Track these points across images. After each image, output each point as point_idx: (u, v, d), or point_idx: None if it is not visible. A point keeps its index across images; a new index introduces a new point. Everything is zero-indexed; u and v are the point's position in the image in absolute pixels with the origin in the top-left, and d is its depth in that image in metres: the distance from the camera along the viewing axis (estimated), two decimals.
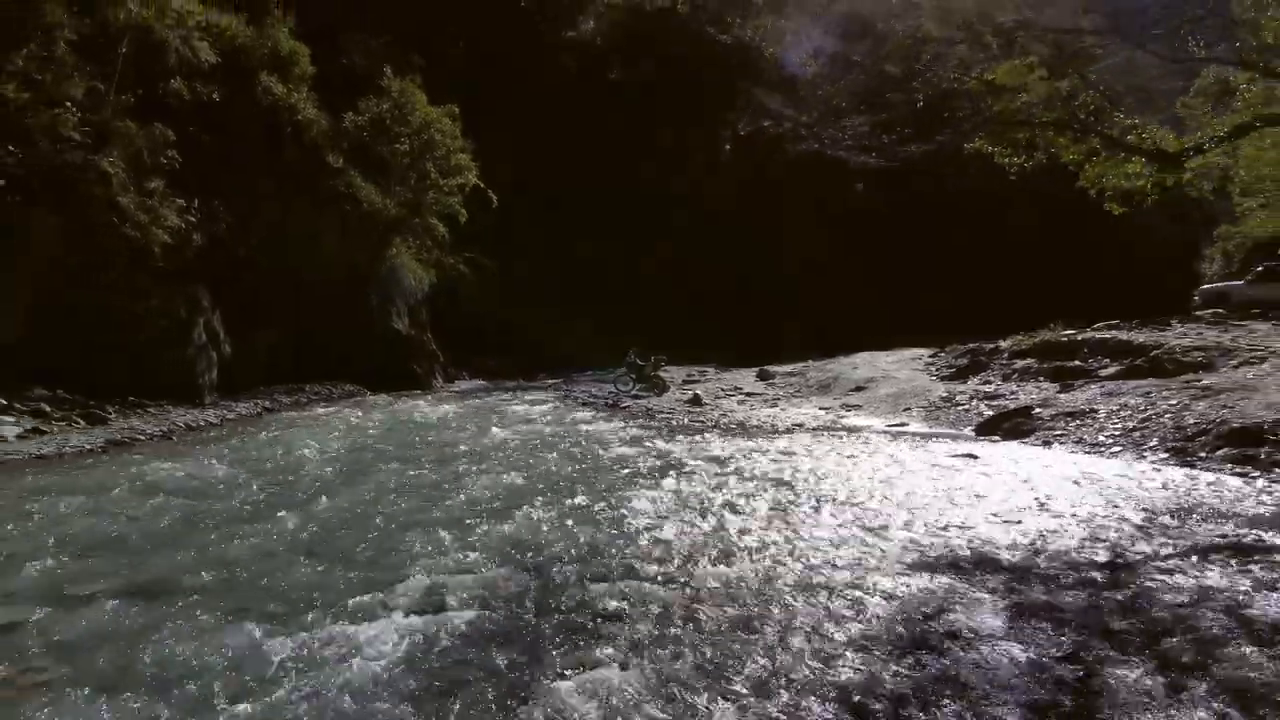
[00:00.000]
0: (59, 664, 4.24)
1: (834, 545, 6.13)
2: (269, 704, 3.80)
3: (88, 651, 4.37)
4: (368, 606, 4.87)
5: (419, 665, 4.13)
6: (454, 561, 5.75)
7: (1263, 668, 4.06)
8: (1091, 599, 5.05)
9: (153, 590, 5.28)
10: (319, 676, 4.02)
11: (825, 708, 3.73)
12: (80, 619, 4.79)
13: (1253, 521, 6.80)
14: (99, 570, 5.67)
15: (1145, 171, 10.35)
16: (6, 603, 5.09)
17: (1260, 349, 14.17)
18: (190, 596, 5.16)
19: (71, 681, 4.04)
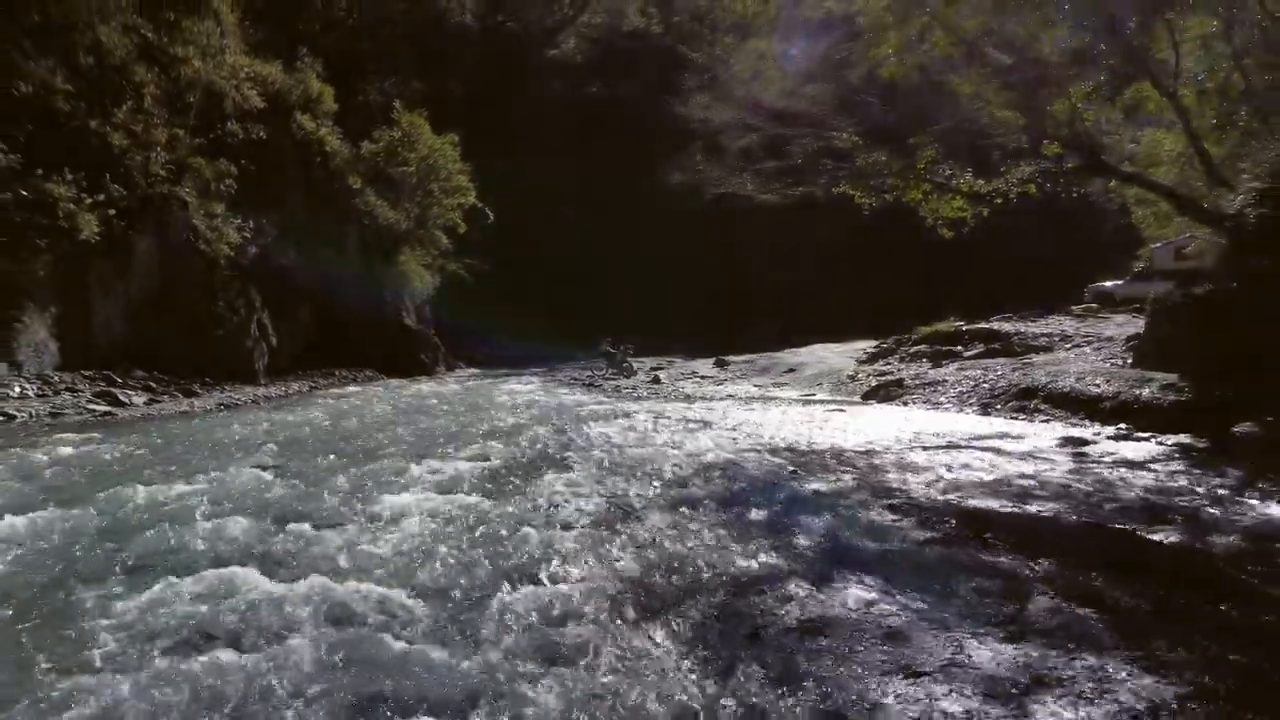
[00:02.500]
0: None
1: (712, 442, 10.32)
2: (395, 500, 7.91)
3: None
4: (441, 459, 9.00)
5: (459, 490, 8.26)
6: (484, 449, 9.88)
7: (932, 486, 8.23)
8: (863, 467, 9.22)
9: (357, 451, 9.40)
10: (418, 483, 8.15)
11: (677, 492, 7.88)
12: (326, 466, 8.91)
13: (996, 435, 11.07)
14: (322, 445, 9.80)
15: (964, 206, 14.55)
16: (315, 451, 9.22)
17: (1094, 336, 18.44)
18: (376, 452, 9.29)
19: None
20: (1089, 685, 3.73)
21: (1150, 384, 12.69)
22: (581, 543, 5.85)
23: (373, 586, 4.86)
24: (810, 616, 4.53)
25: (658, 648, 4.12)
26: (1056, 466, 9.23)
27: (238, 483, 7.65)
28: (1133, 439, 10.95)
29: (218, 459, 9.18)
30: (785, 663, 3.95)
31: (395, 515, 6.52)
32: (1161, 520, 6.92)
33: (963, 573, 5.20)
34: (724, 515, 6.72)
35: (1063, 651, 4.06)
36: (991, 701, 3.57)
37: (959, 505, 7.21)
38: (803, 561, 5.49)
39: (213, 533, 5.91)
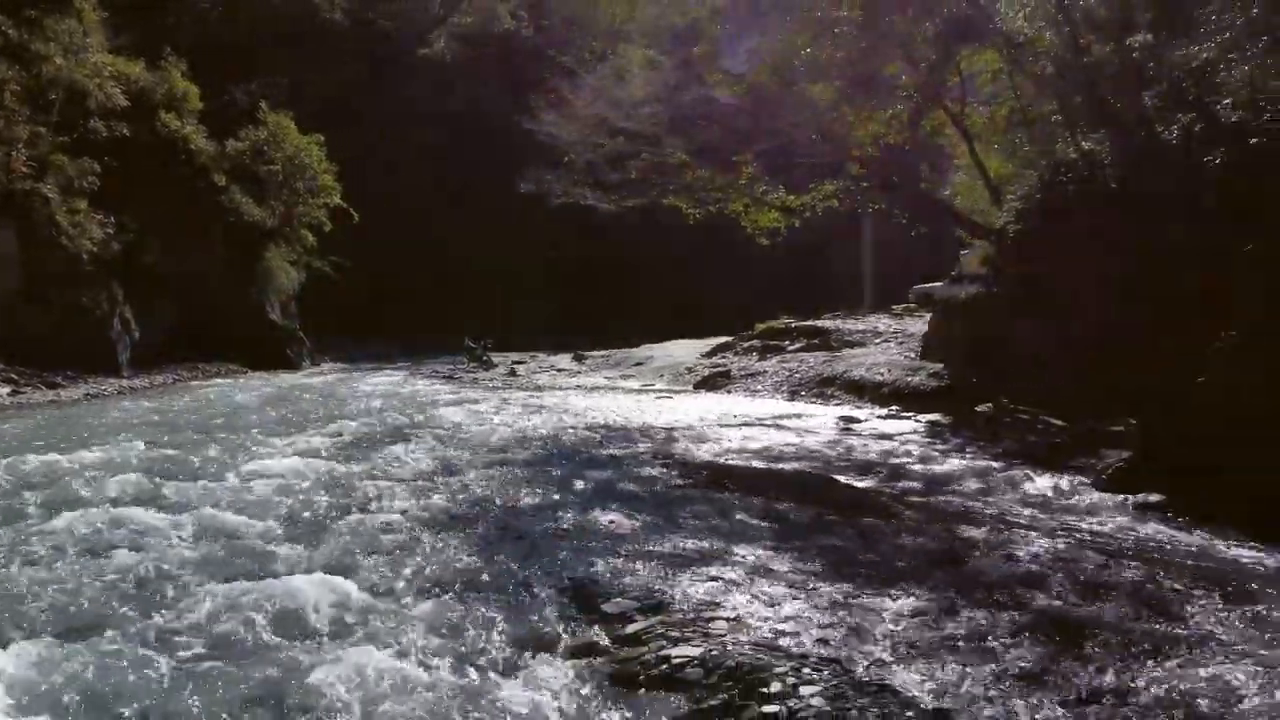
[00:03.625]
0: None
1: (543, 422, 12.08)
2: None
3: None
4: (301, 435, 10.45)
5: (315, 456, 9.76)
6: (340, 427, 11.36)
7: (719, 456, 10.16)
8: (661, 439, 11.10)
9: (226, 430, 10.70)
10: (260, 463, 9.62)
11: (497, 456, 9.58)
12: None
13: (790, 415, 13.18)
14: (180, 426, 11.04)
15: (779, 217, 16.77)
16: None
17: (901, 333, 21.01)
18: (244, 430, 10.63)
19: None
20: (749, 563, 5.59)
21: (921, 372, 15.13)
22: (410, 488, 7.52)
23: (245, 517, 6.41)
24: (567, 528, 6.34)
25: (454, 549, 5.83)
26: (823, 438, 11.37)
27: (121, 452, 8.96)
28: (897, 417, 13.27)
29: (98, 437, 10.40)
30: (543, 554, 5.71)
31: (262, 472, 8.03)
32: (872, 472, 9.06)
33: (691, 503, 7.11)
34: (529, 471, 8.49)
35: (735, 545, 5.95)
36: (679, 569, 5.36)
37: (721, 464, 9.19)
38: (578, 498, 7.31)
39: (106, 486, 7.30)
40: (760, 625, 4.40)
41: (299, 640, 4.24)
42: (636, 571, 5.34)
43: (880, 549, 5.96)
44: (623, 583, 5.11)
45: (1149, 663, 4.03)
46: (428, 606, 4.68)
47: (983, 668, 3.96)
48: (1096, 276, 12.84)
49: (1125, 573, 5.40)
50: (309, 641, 4.24)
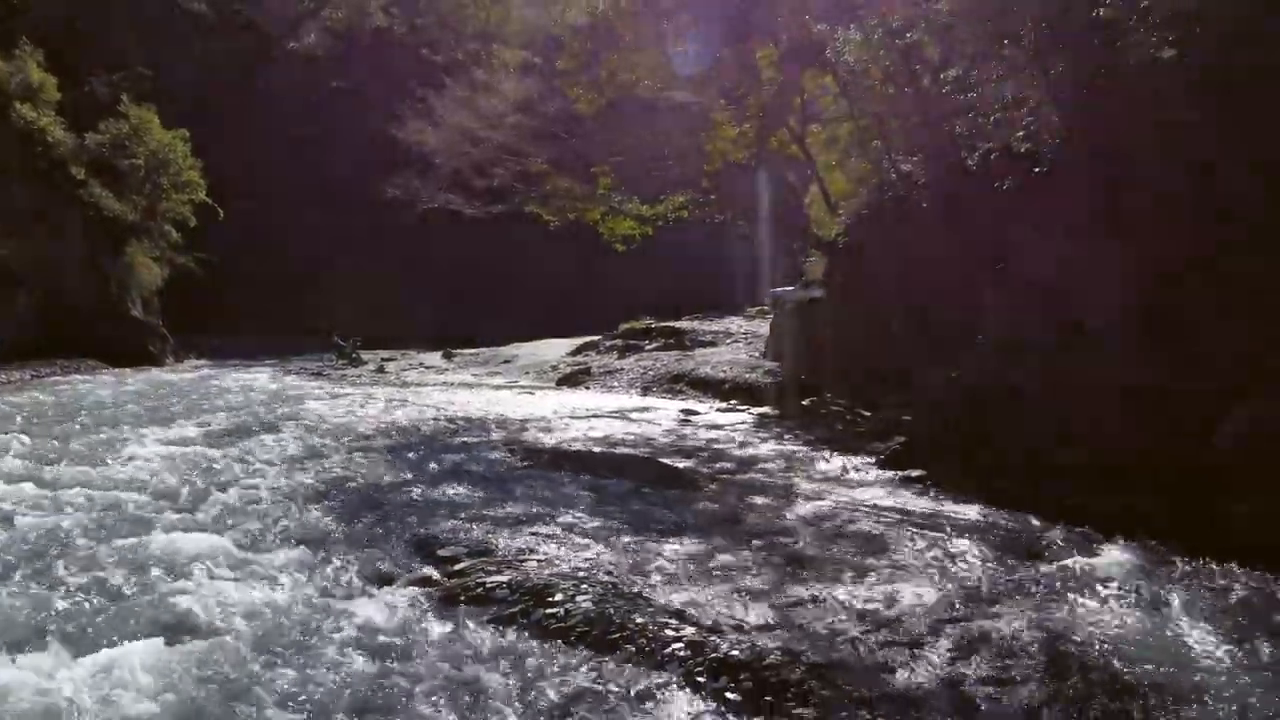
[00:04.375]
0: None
1: (406, 415, 13.07)
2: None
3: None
4: (172, 426, 11.17)
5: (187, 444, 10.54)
6: (211, 419, 12.09)
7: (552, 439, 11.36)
8: (514, 429, 12.23)
9: (95, 422, 11.25)
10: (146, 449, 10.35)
11: (359, 443, 10.56)
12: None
13: (638, 409, 14.51)
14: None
15: (634, 226, 18.18)
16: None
17: (751, 334, 22.70)
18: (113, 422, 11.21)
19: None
20: (565, 522, 6.82)
21: (759, 370, 16.75)
22: (279, 469, 8.50)
23: (128, 492, 7.29)
24: (417, 499, 7.48)
25: (317, 515, 6.87)
26: (662, 428, 12.75)
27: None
28: (732, 410, 14.80)
29: None
30: (394, 518, 6.82)
31: (139, 456, 8.86)
32: (694, 455, 10.45)
33: (528, 480, 8.35)
34: (389, 455, 9.56)
35: (558, 510, 7.19)
36: (506, 527, 6.55)
37: (562, 449, 10.43)
38: (429, 476, 8.45)
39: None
40: (561, 563, 5.67)
41: (184, 580, 5.26)
42: (471, 530, 6.52)
43: (678, 511, 7.32)
44: (458, 537, 6.30)
45: (851, 583, 5.47)
46: (295, 554, 5.76)
47: (723, 586, 5.32)
48: (913, 285, 14.67)
49: (864, 525, 6.91)
50: (192, 581, 5.25)
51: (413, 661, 4.19)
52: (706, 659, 4.15)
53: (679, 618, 4.69)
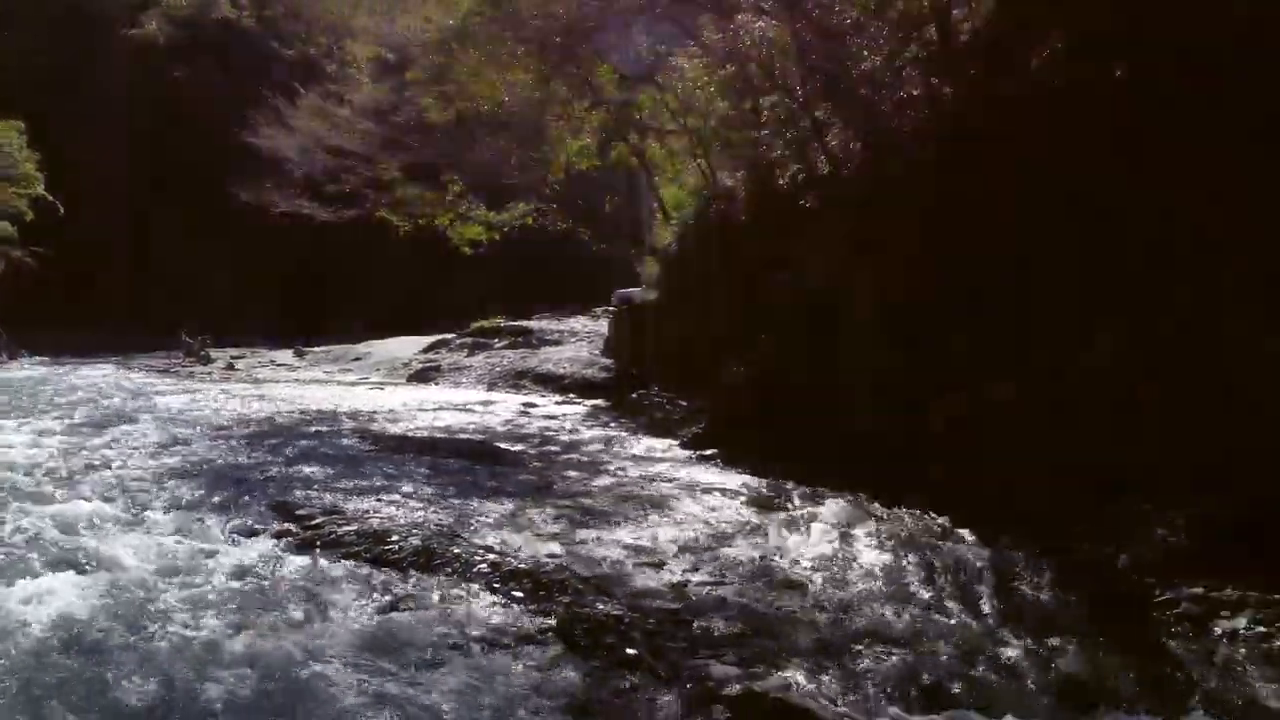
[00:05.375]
0: None
1: (259, 408, 14.05)
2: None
3: None
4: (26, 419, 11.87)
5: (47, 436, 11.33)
6: (66, 413, 12.80)
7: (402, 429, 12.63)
8: (364, 419, 13.41)
9: None
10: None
11: (217, 432, 11.59)
12: None
13: (481, 403, 15.87)
14: None
15: (481, 231, 19.56)
16: None
17: (595, 333, 24.32)
18: None
19: None
20: (405, 491, 8.20)
21: (596, 366, 18.42)
22: (144, 454, 9.56)
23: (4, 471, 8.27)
24: (275, 476, 8.73)
25: (186, 489, 8.03)
26: (502, 418, 14.22)
27: None
28: (569, 403, 16.39)
29: None
30: (256, 490, 8.06)
31: (3, 444, 9.73)
32: (527, 440, 11.98)
33: (375, 460, 9.70)
34: (247, 442, 10.70)
35: (400, 482, 8.58)
36: (355, 495, 7.89)
37: (408, 436, 11.78)
38: (286, 458, 9.68)
39: None
40: (400, 517, 7.10)
41: (79, 536, 6.42)
42: (324, 497, 7.86)
43: (502, 481, 8.84)
44: (312, 502, 7.63)
45: (627, 529, 7.09)
46: (172, 517, 6.97)
47: (527, 531, 6.87)
48: (725, 290, 16.56)
49: (653, 490, 8.59)
50: (87, 536, 6.42)
51: (277, 585, 5.54)
52: (502, 573, 5.70)
53: (487, 549, 6.21)
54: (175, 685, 4.13)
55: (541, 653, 4.60)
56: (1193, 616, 5.15)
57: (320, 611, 5.09)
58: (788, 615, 5.20)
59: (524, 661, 4.49)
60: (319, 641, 4.59)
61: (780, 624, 5.07)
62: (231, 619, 4.93)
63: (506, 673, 4.34)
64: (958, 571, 5.99)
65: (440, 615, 5.05)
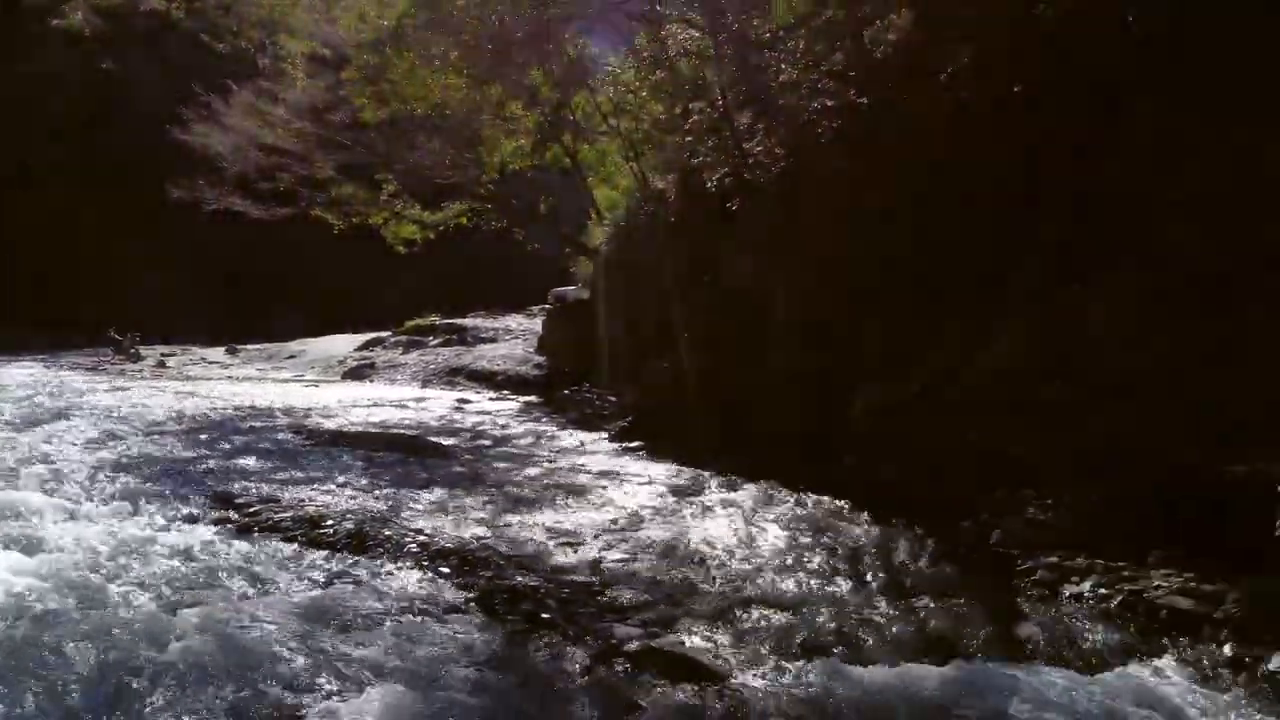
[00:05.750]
0: None
1: (194, 405, 14.26)
2: None
3: None
4: None
5: None
6: None
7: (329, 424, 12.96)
8: (300, 415, 13.70)
9: None
10: None
11: (154, 427, 11.83)
12: None
13: (416, 399, 16.22)
14: None
15: (416, 231, 19.88)
16: None
17: (528, 331, 24.73)
18: None
19: None
20: (340, 481, 8.61)
21: (530, 364, 18.87)
22: (81, 449, 9.80)
23: None
24: (214, 468, 9.07)
25: (127, 481, 8.33)
26: (436, 414, 14.60)
27: None
28: (502, 399, 16.83)
29: None
30: (196, 482, 8.40)
31: None
32: (460, 434, 12.40)
33: (310, 453, 10.07)
34: (183, 437, 10.98)
35: (334, 473, 8.98)
36: (291, 485, 8.28)
37: (343, 431, 12.13)
38: (223, 452, 10.00)
39: None
40: (334, 505, 7.53)
41: (25, 522, 6.73)
42: (261, 487, 8.24)
43: (434, 473, 9.29)
44: (249, 492, 8.01)
45: (550, 513, 7.60)
46: (113, 506, 7.30)
47: (456, 516, 7.35)
48: (655, 289, 17.13)
49: (578, 479, 9.12)
50: (34, 523, 6.73)
51: (219, 565, 5.95)
52: (430, 552, 6.19)
53: (417, 532, 6.69)
54: (126, 650, 4.55)
55: (465, 619, 5.11)
56: (1046, 582, 5.85)
57: (261, 587, 5.52)
58: (690, 585, 5.78)
59: (449, 626, 4.99)
60: (261, 612, 5.04)
61: (683, 593, 5.64)
62: (177, 594, 5.34)
63: (433, 635, 4.84)
64: (848, 548, 6.63)
65: (373, 589, 5.53)
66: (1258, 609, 4.99)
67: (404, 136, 19.94)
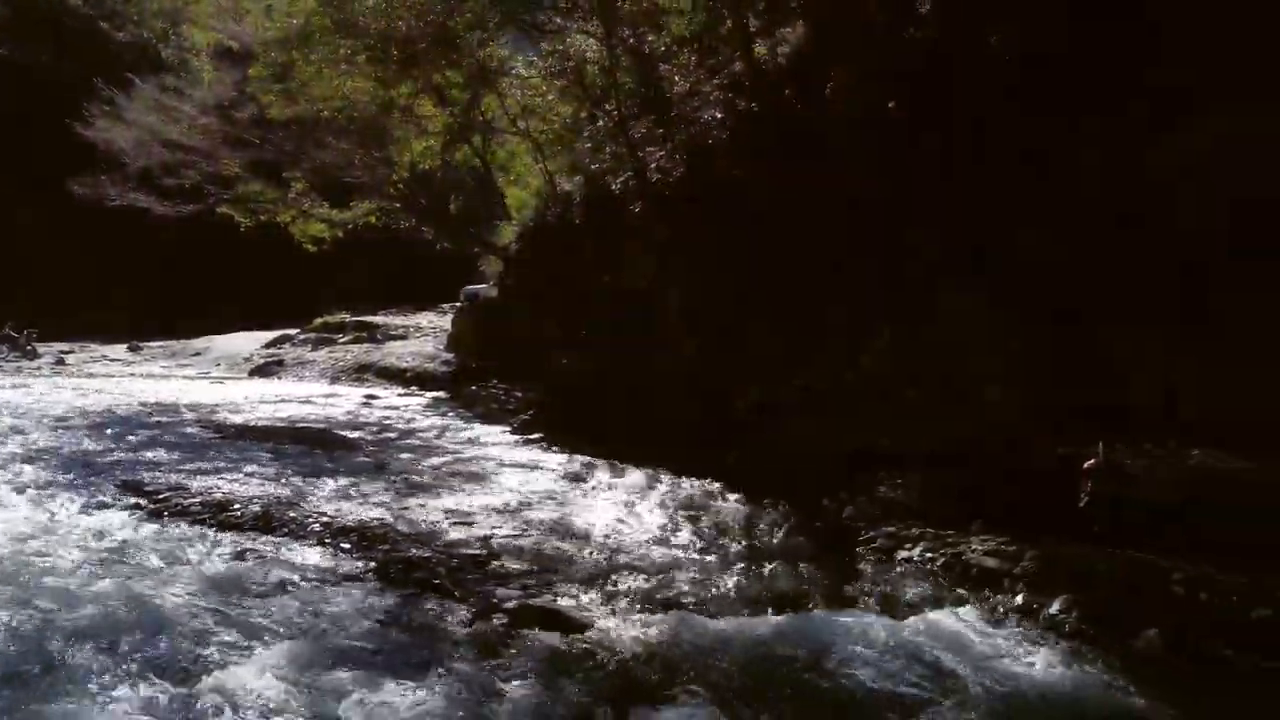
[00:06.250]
0: None
1: (98, 401, 14.41)
2: None
3: None
4: None
5: None
6: None
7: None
8: (207, 411, 13.96)
9: None
10: None
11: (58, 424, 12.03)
12: None
13: (324, 395, 16.54)
14: None
15: (324, 229, 20.16)
16: None
17: (439, 328, 25.12)
18: None
19: None
20: (247, 470, 9.06)
21: (438, 360, 19.34)
22: None
23: None
24: (122, 459, 9.43)
25: (37, 473, 8.66)
26: (343, 409, 15.01)
27: None
28: (410, 395, 17.28)
29: None
30: (105, 472, 8.76)
31: None
32: (366, 428, 12.88)
33: (217, 447, 10.48)
34: (89, 431, 11.24)
35: (241, 464, 9.42)
36: (200, 475, 8.70)
37: (250, 425, 12.51)
38: (130, 445, 10.34)
39: None
40: (242, 492, 8.02)
41: None
42: (170, 477, 8.66)
43: (339, 463, 9.80)
44: (159, 482, 8.43)
45: (449, 498, 8.21)
46: (24, 496, 7.65)
47: (358, 500, 7.91)
48: (561, 288, 17.78)
49: (479, 468, 9.74)
50: None
51: (132, 545, 6.41)
52: (332, 531, 6.77)
53: (320, 514, 7.25)
54: (46, 616, 5.02)
55: (362, 586, 5.72)
56: (883, 548, 6.71)
57: (172, 562, 6.03)
58: (569, 556, 6.48)
59: (348, 592, 5.59)
60: (172, 583, 5.56)
61: (561, 562, 6.34)
62: (93, 569, 5.81)
63: (332, 600, 5.44)
64: (716, 524, 7.42)
65: (278, 562, 6.09)
66: (1047, 565, 5.90)
67: (312, 135, 20.21)
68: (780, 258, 11.75)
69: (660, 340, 12.80)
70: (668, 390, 12.16)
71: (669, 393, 12.11)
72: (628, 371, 12.78)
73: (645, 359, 12.72)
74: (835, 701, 4.43)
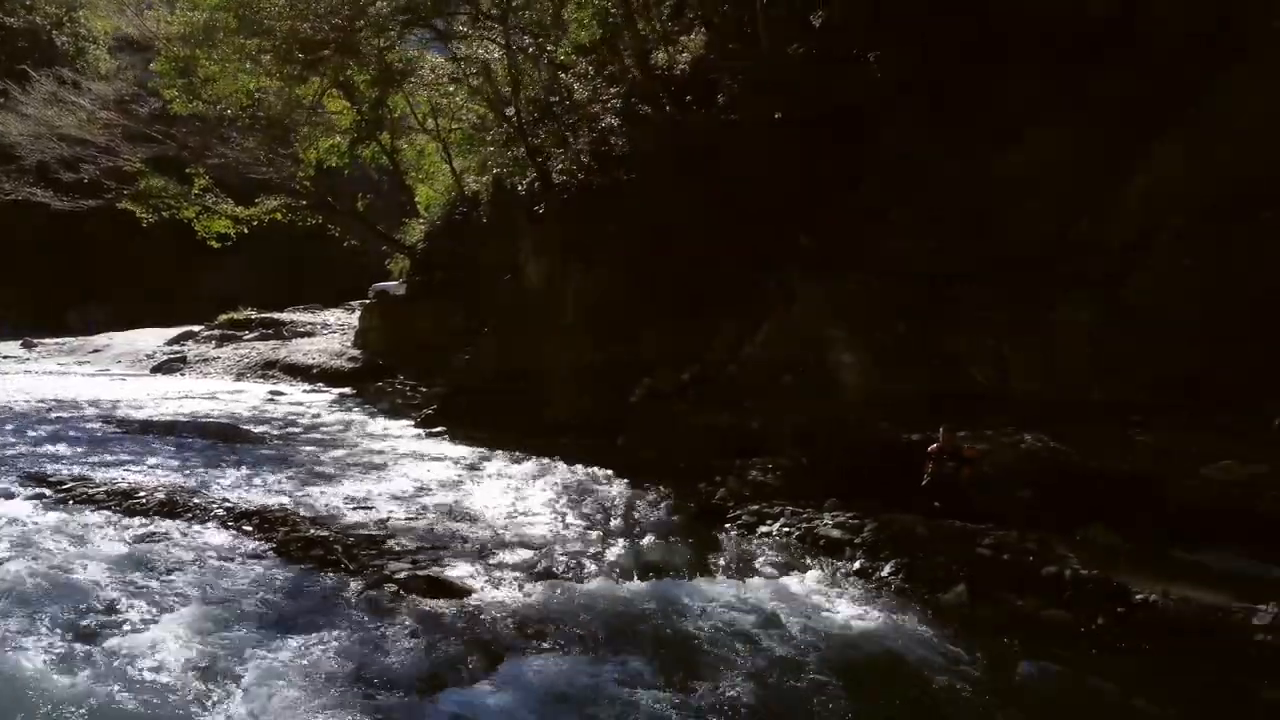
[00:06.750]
0: None
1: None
2: None
3: None
4: None
5: None
6: None
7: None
8: (107, 407, 14.09)
9: None
10: None
11: None
12: None
13: (229, 391, 16.72)
14: None
15: (229, 225, 20.24)
16: None
17: (347, 325, 25.27)
18: None
19: None
20: (150, 463, 9.39)
21: (345, 357, 19.63)
22: None
23: None
24: (20, 453, 9.67)
25: None
26: (248, 405, 15.24)
27: None
28: (316, 391, 17.56)
29: None
30: (5, 465, 9.02)
31: None
32: (271, 423, 13.20)
33: (119, 441, 10.77)
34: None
35: (145, 457, 9.74)
36: (99, 467, 9.03)
37: (152, 420, 12.74)
38: (31, 441, 10.55)
39: None
40: (146, 481, 8.39)
41: None
42: (73, 469, 8.97)
43: (243, 456, 10.19)
44: (63, 473, 8.73)
45: (349, 485, 8.70)
46: None
47: (260, 488, 8.35)
48: (465, 286, 18.25)
49: (379, 459, 10.23)
50: None
51: (38, 529, 6.78)
52: (235, 515, 7.23)
53: (223, 501, 7.70)
54: None
55: (263, 562, 6.23)
56: (747, 525, 7.46)
57: (79, 544, 6.44)
58: (459, 535, 7.07)
59: (249, 567, 6.10)
60: (80, 562, 5.99)
61: (452, 540, 6.92)
62: (2, 552, 6.20)
63: (234, 574, 5.95)
64: (599, 505, 8.09)
65: (182, 543, 6.55)
66: (884, 535, 6.71)
67: (216, 131, 20.24)
68: (673, 258, 12.47)
69: (560, 336, 13.41)
70: (565, 384, 12.80)
71: (567, 386, 12.76)
72: (528, 367, 13.36)
73: (544, 355, 13.31)
74: (684, 647, 5.14)
